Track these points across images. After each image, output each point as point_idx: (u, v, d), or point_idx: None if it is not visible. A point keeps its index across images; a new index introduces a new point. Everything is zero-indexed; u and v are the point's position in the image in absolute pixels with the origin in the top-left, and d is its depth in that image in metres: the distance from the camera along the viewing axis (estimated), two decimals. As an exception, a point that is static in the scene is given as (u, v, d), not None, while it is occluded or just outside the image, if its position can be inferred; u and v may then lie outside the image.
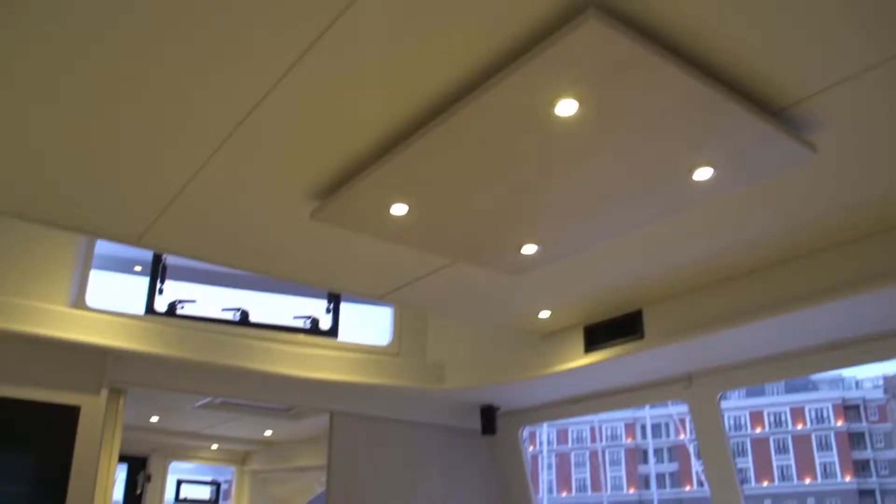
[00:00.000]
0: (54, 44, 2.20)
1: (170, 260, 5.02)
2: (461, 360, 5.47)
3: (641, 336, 4.39)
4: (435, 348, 5.60)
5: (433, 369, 5.50)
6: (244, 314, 5.05)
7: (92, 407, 4.54)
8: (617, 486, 39.42)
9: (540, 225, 3.21)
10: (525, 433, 6.28)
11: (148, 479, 7.50)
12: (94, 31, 2.15)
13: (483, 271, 3.80)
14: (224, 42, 2.18)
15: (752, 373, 4.67)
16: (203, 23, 2.10)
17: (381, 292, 4.17)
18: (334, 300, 5.37)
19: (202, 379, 4.99)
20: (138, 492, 7.48)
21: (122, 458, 5.16)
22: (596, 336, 4.64)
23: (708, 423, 4.87)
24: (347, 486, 5.44)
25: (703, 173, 2.74)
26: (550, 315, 4.58)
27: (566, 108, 2.32)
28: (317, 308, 5.33)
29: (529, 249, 3.40)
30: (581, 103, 2.30)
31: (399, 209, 2.99)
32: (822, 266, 3.64)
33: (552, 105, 2.31)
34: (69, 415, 4.47)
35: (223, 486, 8.32)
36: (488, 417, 5.93)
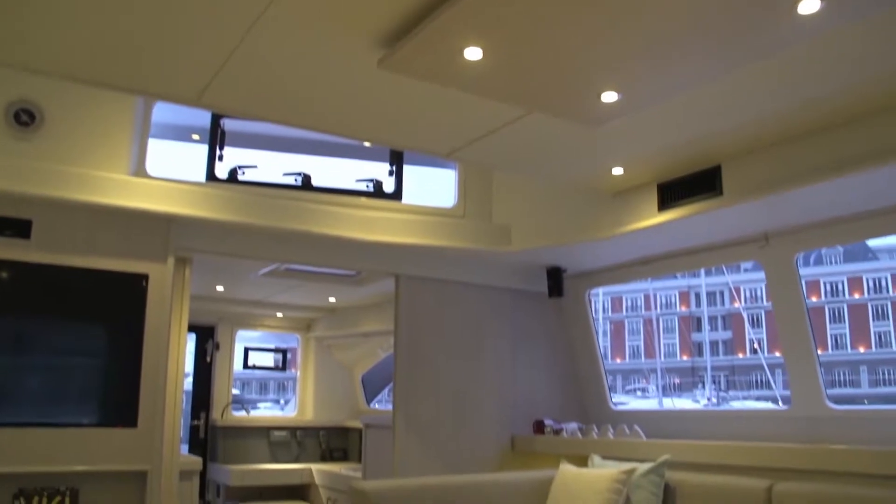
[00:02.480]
0: None
1: (228, 126, 4.91)
2: (528, 222, 5.34)
3: (720, 193, 4.19)
4: (501, 210, 5.47)
5: (499, 231, 5.39)
6: (306, 178, 4.95)
7: (160, 274, 4.55)
8: (670, 354, 39.82)
9: (622, 69, 2.98)
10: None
11: (216, 347, 7.68)
12: None
13: (556, 125, 3.61)
14: None
15: (833, 232, 4.46)
16: None
17: (449, 149, 4.01)
18: (397, 162, 5.23)
19: (266, 245, 4.95)
20: (208, 359, 7.69)
21: (190, 329, 5.23)
22: (670, 193, 4.45)
23: (784, 286, 4.70)
24: (414, 348, 5.47)
25: (809, 5, 2.48)
26: (623, 172, 4.39)
27: (662, -75, 2.08)
28: (379, 171, 5.21)
29: (609, 97, 3.19)
30: (680, -82, 2.06)
31: (473, 53, 2.79)
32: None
33: (648, -79, 2.07)
34: (138, 283, 4.50)
35: (289, 354, 8.50)
36: (555, 279, 5.85)
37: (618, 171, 4.39)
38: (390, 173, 5.22)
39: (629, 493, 4.32)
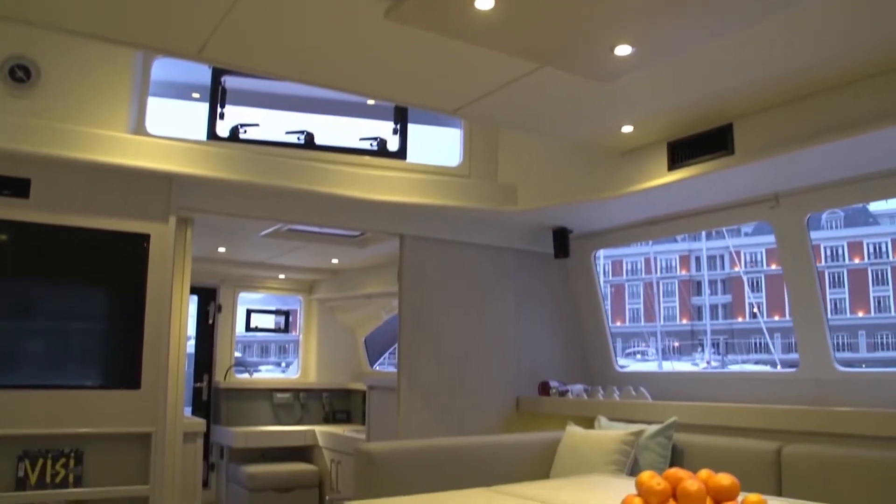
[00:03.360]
0: None
1: (229, 83, 4.82)
2: (534, 182, 5.26)
3: (731, 151, 4.11)
4: (506, 170, 5.39)
5: (505, 191, 5.31)
6: (309, 137, 4.86)
7: (161, 234, 4.49)
8: (670, 317, 39.93)
9: (638, 20, 2.89)
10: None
11: (219, 309, 7.63)
12: None
13: (566, 81, 3.51)
14: None
15: (844, 193, 4.39)
16: None
17: (456, 105, 3.91)
18: (401, 120, 5.14)
19: (269, 204, 4.88)
20: (210, 322, 7.65)
21: (192, 291, 5.19)
22: (680, 152, 4.37)
23: (794, 247, 4.64)
24: (418, 309, 5.42)
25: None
26: (633, 129, 4.31)
27: None
28: (383, 129, 5.12)
29: (623, 51, 3.10)
30: None
31: (484, 3, 2.70)
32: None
33: None
34: (139, 243, 4.43)
35: (291, 316, 8.46)
36: (561, 240, 5.78)
37: (627, 129, 4.30)
38: (394, 132, 5.13)
39: (637, 455, 4.30)
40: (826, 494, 3.06)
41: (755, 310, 37.71)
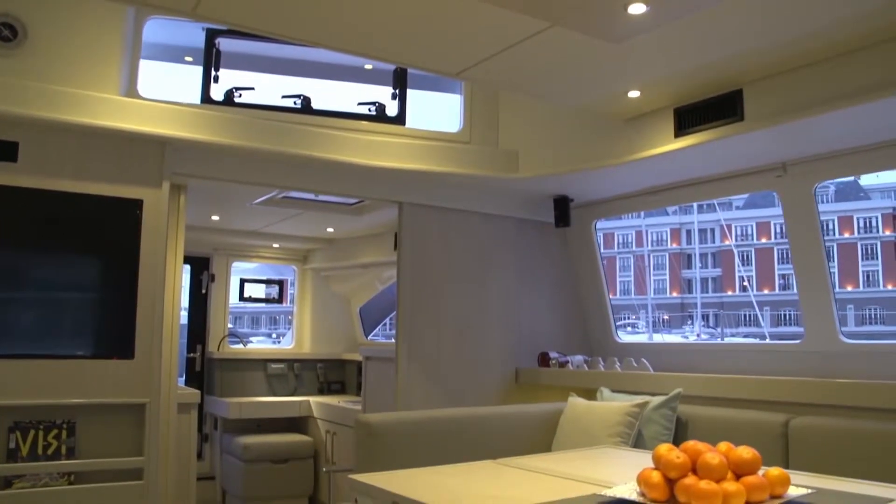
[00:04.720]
0: None
1: (224, 46, 4.68)
2: (536, 148, 5.14)
3: (741, 118, 4.01)
4: (508, 136, 5.27)
5: (506, 157, 5.19)
6: (306, 101, 4.73)
7: (155, 200, 4.36)
8: (660, 290, 39.96)
9: (654, -24, 2.78)
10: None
11: (212, 278, 7.53)
12: None
13: (573, 43, 3.40)
14: None
15: (851, 162, 4.30)
16: None
17: (460, 68, 3.79)
18: (400, 85, 5.01)
19: (264, 169, 4.75)
20: (203, 291, 7.54)
21: (185, 260, 5.08)
22: (688, 118, 4.26)
23: (801, 217, 4.56)
24: (417, 279, 5.32)
25: None
26: (640, 95, 4.20)
27: None
28: (382, 95, 4.99)
29: (637, 9, 2.99)
30: None
31: (495, -45, 2.59)
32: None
33: None
34: (132, 209, 4.31)
35: (284, 286, 8.36)
36: (562, 209, 5.67)
37: (634, 94, 4.19)
38: (393, 97, 5.00)
39: (640, 427, 4.24)
40: (834, 467, 3.00)
41: (745, 283, 37.80)
